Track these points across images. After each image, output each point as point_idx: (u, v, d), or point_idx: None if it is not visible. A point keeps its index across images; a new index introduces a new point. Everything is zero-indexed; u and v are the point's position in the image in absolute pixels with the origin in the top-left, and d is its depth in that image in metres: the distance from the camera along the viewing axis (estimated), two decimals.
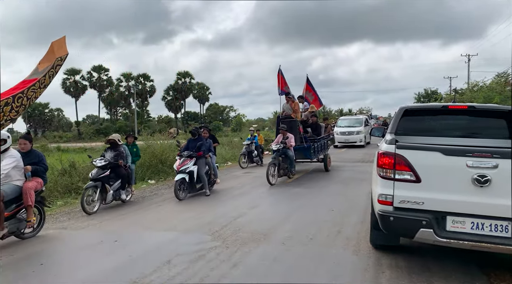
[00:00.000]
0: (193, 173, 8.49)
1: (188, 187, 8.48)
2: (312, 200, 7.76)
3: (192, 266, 4.28)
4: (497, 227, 3.45)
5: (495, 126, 4.45)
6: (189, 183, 8.46)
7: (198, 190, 8.80)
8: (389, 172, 3.80)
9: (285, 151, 10.04)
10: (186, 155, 8.52)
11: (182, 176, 8.25)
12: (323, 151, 12.50)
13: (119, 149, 8.08)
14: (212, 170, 9.21)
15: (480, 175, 3.43)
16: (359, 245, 4.81)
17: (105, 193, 7.57)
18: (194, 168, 8.52)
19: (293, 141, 10.21)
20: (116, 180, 7.85)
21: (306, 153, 11.19)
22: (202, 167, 8.74)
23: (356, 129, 22.00)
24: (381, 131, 5.67)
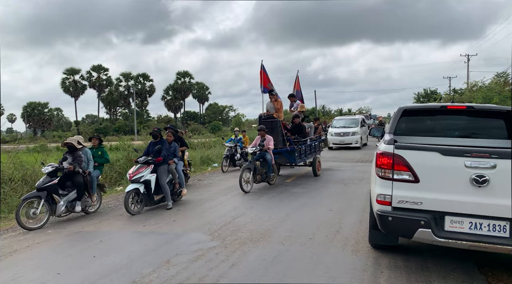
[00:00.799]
0: (150, 183, 7.30)
1: (145, 199, 7.29)
2: (311, 200, 7.76)
3: (191, 266, 4.29)
4: (495, 227, 3.45)
5: (494, 127, 4.46)
6: (146, 194, 7.30)
7: (158, 202, 7.61)
8: (387, 172, 3.81)
9: (263, 154, 9.20)
10: (142, 162, 7.38)
11: (135, 187, 7.06)
12: (312, 154, 11.55)
13: (77, 153, 7.16)
14: (178, 179, 7.92)
15: (478, 175, 3.44)
16: (357, 245, 4.82)
17: (55, 204, 6.57)
18: (151, 177, 7.33)
19: (271, 143, 9.33)
20: (72, 189, 6.87)
21: (290, 157, 10.22)
22: (163, 176, 7.55)
23: (352, 129, 20.82)
24: (380, 131, 5.68)
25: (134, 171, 7.26)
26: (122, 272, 4.20)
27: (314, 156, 11.46)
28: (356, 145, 20.42)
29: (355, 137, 20.48)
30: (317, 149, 12.11)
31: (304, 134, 11.05)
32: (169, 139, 8.01)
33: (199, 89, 68.98)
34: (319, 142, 12.50)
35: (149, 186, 7.30)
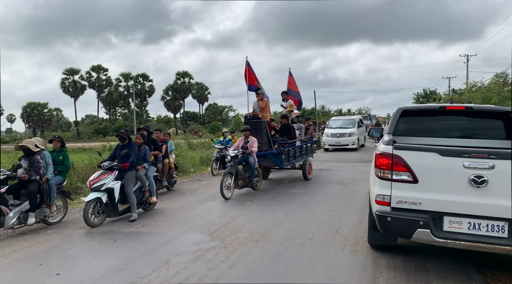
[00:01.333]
0: (113, 192, 6.43)
1: (107, 209, 6.45)
2: (310, 200, 7.77)
3: (191, 266, 4.30)
4: (493, 227, 3.47)
5: (492, 127, 4.47)
6: (110, 204, 6.47)
7: (124, 212, 6.75)
8: (386, 173, 3.82)
9: (246, 157, 8.60)
10: (105, 167, 6.57)
11: (96, 196, 6.23)
12: (303, 156, 10.74)
13: (34, 158, 6.33)
14: (147, 186, 7.12)
15: (477, 176, 3.45)
16: (357, 245, 4.83)
17: (3, 216, 5.82)
18: (114, 184, 6.47)
19: (255, 145, 8.64)
20: (27, 198, 6.09)
21: (276, 160, 9.43)
22: (130, 183, 6.72)
23: (348, 130, 20.01)
24: (379, 132, 5.69)
25: (95, 177, 6.42)
26: (122, 272, 4.20)
27: (304, 158, 10.70)
28: (353, 147, 19.64)
29: (351, 138, 19.70)
30: (308, 151, 11.29)
31: (292, 135, 10.22)
32: (138, 141, 7.21)
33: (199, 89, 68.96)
34: (311, 144, 11.71)
35: (113, 195, 6.43)
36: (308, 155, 11.18)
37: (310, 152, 11.53)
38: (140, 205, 7.03)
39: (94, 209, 6.28)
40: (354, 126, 20.37)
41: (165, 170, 9.28)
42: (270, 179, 10.92)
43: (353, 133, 19.88)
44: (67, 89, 61.68)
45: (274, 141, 9.45)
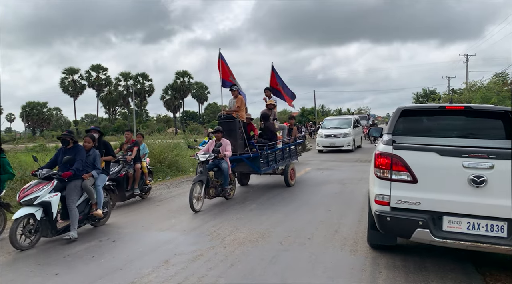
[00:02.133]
0: (50, 206, 5.28)
1: (43, 227, 5.30)
2: (310, 200, 7.77)
3: (190, 266, 4.30)
4: (492, 227, 3.47)
5: (492, 127, 4.48)
6: (47, 220, 5.32)
7: (65, 230, 5.52)
8: (386, 173, 3.82)
9: (218, 162, 7.62)
10: (42, 176, 5.42)
11: (27, 212, 5.09)
12: (285, 160, 9.67)
13: None
14: (95, 199, 5.92)
15: (476, 176, 3.45)
16: (356, 245, 4.83)
17: None
18: (51, 197, 5.31)
19: (228, 148, 7.67)
20: None
21: (253, 165, 8.37)
22: (73, 195, 5.55)
23: (343, 131, 18.95)
24: (379, 132, 5.69)
25: (28, 189, 5.28)
26: (121, 272, 4.20)
27: (286, 163, 9.65)
28: (348, 148, 18.57)
29: (347, 139, 18.65)
30: (291, 154, 10.23)
31: (272, 137, 9.16)
32: (86, 145, 6.02)
33: (198, 88, 68.96)
34: (295, 146, 10.64)
35: (49, 210, 5.27)
36: (291, 159, 10.18)
37: (294, 156, 10.49)
38: (87, 221, 5.97)
39: (25, 228, 5.15)
40: (350, 126, 19.43)
41: (137, 176, 8.13)
42: (269, 179, 10.90)
43: (349, 134, 18.91)
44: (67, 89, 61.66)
45: (251, 143, 8.50)
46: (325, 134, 19.22)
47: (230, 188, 8.00)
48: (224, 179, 7.72)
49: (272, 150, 8.93)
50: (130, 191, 8.03)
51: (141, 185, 8.45)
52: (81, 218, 5.73)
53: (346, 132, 18.97)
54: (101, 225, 6.27)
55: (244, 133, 8.43)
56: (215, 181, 7.67)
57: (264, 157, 8.50)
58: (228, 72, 9.28)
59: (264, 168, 8.54)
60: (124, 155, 8.17)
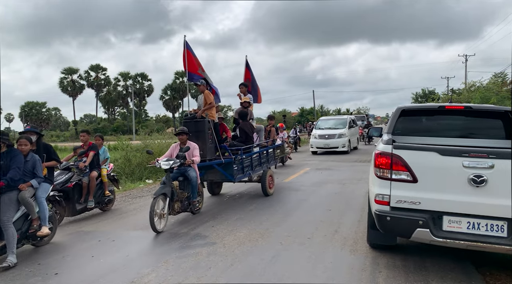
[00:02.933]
0: None
1: None
2: (309, 200, 7.77)
3: (190, 266, 4.29)
4: (492, 227, 3.47)
5: (491, 127, 4.48)
6: None
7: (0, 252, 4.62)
8: (386, 172, 3.82)
9: (184, 170, 6.39)
10: None
11: None
12: (263, 166, 8.54)
13: None
14: (37, 213, 4.98)
15: (476, 175, 3.45)
16: (356, 244, 4.83)
17: None
18: None
19: (196, 153, 6.44)
20: None
21: (225, 172, 7.22)
22: (7, 210, 4.62)
23: (338, 131, 18.07)
24: (378, 131, 5.70)
25: None
26: (121, 272, 4.19)
27: (264, 168, 8.51)
28: (343, 149, 17.71)
29: (341, 139, 17.77)
30: (270, 159, 9.12)
31: (246, 139, 8.02)
32: (23, 149, 4.97)
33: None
34: (273, 149, 9.52)
35: None
36: (269, 164, 9.10)
37: (272, 161, 9.44)
38: (27, 240, 5.04)
39: None
40: (345, 127, 18.52)
41: (92, 186, 6.88)
42: None
43: (344, 134, 17.99)
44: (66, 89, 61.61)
45: (223, 147, 7.45)
46: (319, 134, 18.36)
47: (198, 200, 6.78)
48: (192, 190, 6.43)
49: (248, 155, 7.87)
50: (83, 203, 6.78)
51: (99, 197, 7.18)
52: (18, 237, 4.72)
53: (341, 132, 18.11)
54: (44, 244, 5.29)
55: (215, 135, 7.27)
56: (181, 194, 6.29)
57: (238, 163, 7.41)
58: (195, 63, 8.03)
59: (238, 176, 7.43)
60: (77, 161, 7.01)
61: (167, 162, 6.04)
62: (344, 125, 18.74)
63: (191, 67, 7.93)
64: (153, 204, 5.55)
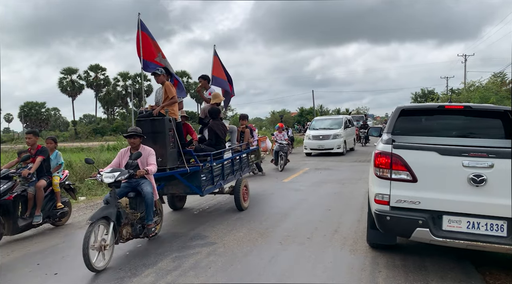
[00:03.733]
0: None
1: None
2: (309, 200, 7.77)
3: (189, 266, 4.28)
4: (492, 226, 3.47)
5: (491, 126, 4.48)
6: None
7: None
8: (385, 172, 3.82)
9: (135, 184, 4.93)
10: None
11: None
12: (236, 174, 7.25)
13: None
14: None
15: (476, 175, 3.45)
16: (356, 244, 4.83)
17: None
18: None
19: (152, 160, 5.00)
20: None
21: (191, 184, 5.75)
22: None
23: (333, 132, 17.31)
24: (378, 131, 5.70)
25: None
26: (120, 272, 4.19)
27: (238, 177, 7.26)
28: (338, 151, 16.93)
29: (336, 140, 16.99)
30: (243, 166, 7.77)
31: (217, 141, 6.63)
32: None
33: None
34: (247, 155, 8.12)
35: None
36: (243, 172, 7.80)
37: (246, 167, 8.06)
38: None
39: None
40: (340, 127, 17.72)
41: (39, 197, 5.73)
42: (266, 179, 10.86)
43: (339, 135, 17.24)
44: (65, 89, 61.55)
45: (188, 152, 6.02)
46: (312, 135, 17.51)
47: (156, 221, 5.22)
48: (146, 209, 4.83)
49: (219, 162, 6.50)
50: (27, 219, 5.63)
51: (49, 210, 6.06)
52: None
53: (336, 133, 17.29)
54: None
55: (178, 137, 5.83)
56: (132, 215, 4.79)
57: (207, 172, 6.09)
58: (154, 49, 6.59)
59: (207, 188, 6.05)
60: (20, 168, 5.90)
61: (111, 174, 4.50)
62: (339, 125, 18.01)
63: (147, 53, 6.47)
64: (88, 234, 4.07)
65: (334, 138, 17.14)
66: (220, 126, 6.77)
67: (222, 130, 6.81)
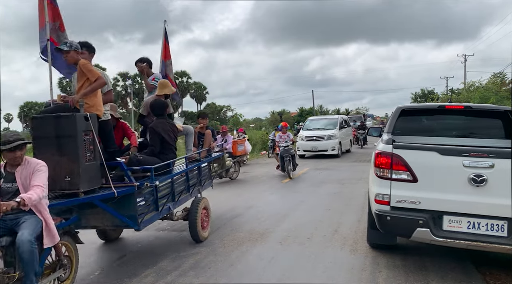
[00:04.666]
0: None
1: None
2: (309, 200, 7.76)
3: (189, 266, 4.28)
4: (493, 227, 3.46)
5: (491, 126, 4.48)
6: None
7: None
8: (386, 172, 3.82)
9: (12, 223, 3.10)
10: None
11: None
12: (192, 192, 5.40)
13: None
14: None
15: (476, 175, 3.45)
16: (356, 244, 4.82)
17: None
18: None
19: (41, 180, 3.18)
20: None
21: (122, 213, 3.95)
22: None
23: (328, 132, 16.24)
24: (378, 131, 5.70)
25: None
26: (119, 272, 4.18)
27: (195, 195, 5.50)
28: (333, 152, 15.88)
29: (331, 141, 15.96)
30: (203, 179, 5.81)
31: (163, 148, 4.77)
32: None
33: (197, 89, 69.00)
34: (209, 164, 6.23)
35: None
36: (203, 187, 5.83)
37: (207, 181, 6.06)
38: None
39: None
40: (335, 128, 16.73)
41: None
42: (265, 179, 10.84)
43: (333, 136, 16.21)
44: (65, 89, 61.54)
45: (117, 165, 4.12)
46: (306, 136, 16.46)
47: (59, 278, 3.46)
48: (24, 268, 2.98)
49: (166, 178, 4.56)
50: None
51: None
52: None
53: (331, 134, 16.23)
54: None
55: (104, 143, 4.17)
56: (5, 278, 2.96)
57: (147, 194, 4.29)
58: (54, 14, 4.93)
59: (148, 217, 4.27)
60: None
61: None
62: (334, 125, 17.00)
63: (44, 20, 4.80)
64: None
65: (328, 139, 16.07)
66: (167, 127, 4.79)
67: (171, 132, 4.83)
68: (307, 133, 16.73)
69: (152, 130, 4.73)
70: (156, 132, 4.69)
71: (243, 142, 11.68)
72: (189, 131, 5.76)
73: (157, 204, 4.43)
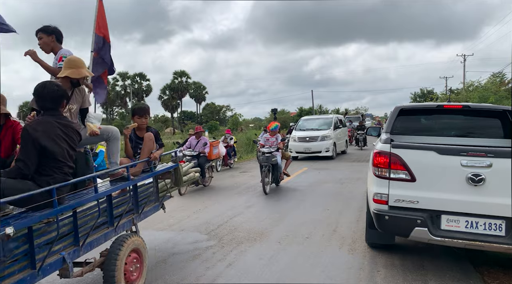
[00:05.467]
0: None
1: None
2: (308, 200, 7.76)
3: (188, 266, 4.28)
4: (491, 226, 3.47)
5: (490, 126, 4.49)
6: None
7: None
8: (384, 171, 3.82)
9: None
10: None
11: None
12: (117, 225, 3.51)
13: None
14: None
15: (474, 174, 3.45)
16: (354, 244, 4.83)
17: None
18: None
19: None
20: None
21: None
22: None
23: (322, 133, 15.43)
24: (377, 131, 5.71)
25: None
26: None
27: (121, 231, 3.63)
28: (327, 154, 15.15)
29: (325, 142, 15.16)
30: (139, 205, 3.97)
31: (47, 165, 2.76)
32: None
33: (196, 88, 68.94)
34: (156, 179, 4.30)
35: None
36: (142, 214, 4.00)
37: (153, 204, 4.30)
38: None
39: None
40: (330, 128, 15.98)
41: None
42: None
43: (327, 137, 15.42)
44: None
45: None
46: (298, 137, 15.68)
47: None
48: None
49: (72, 207, 2.83)
50: None
51: None
52: None
53: (325, 134, 15.44)
54: None
55: None
56: None
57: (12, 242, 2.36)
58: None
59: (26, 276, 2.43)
60: None
61: None
62: (328, 125, 16.26)
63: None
64: None
65: (322, 140, 15.25)
66: (56, 131, 2.87)
67: (62, 139, 2.89)
68: (300, 134, 15.92)
69: (26, 135, 2.73)
70: (32, 138, 2.71)
71: (217, 144, 11.22)
72: (113, 135, 3.71)
73: (33, 258, 2.51)
